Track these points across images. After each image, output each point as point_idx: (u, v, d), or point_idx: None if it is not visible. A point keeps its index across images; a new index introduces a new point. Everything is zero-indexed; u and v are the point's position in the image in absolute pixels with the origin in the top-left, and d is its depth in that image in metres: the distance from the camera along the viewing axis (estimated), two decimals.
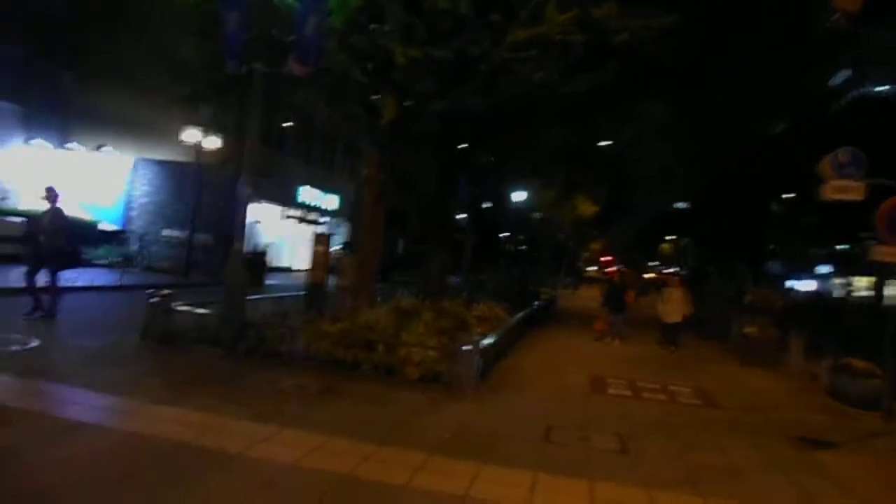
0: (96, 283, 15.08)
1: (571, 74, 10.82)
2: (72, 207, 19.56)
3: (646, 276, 70.50)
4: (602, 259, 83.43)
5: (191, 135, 17.93)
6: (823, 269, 53.31)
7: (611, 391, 9.27)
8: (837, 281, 53.20)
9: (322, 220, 30.37)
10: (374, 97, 11.04)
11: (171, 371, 7.77)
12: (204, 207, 18.81)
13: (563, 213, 47.76)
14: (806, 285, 55.34)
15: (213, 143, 18.38)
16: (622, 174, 59.42)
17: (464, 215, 43.95)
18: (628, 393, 9.22)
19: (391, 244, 41.66)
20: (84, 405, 5.74)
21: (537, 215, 52.06)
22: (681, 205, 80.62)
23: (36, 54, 20.11)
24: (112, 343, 8.67)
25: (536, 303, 19.29)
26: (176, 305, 9.22)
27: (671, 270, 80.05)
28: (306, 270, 11.21)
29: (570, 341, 14.80)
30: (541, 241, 49.19)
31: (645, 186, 68.36)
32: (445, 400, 7.48)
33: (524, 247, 70.58)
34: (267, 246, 24.52)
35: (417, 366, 8.57)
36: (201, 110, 18.57)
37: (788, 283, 53.62)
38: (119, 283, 15.27)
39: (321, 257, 11.15)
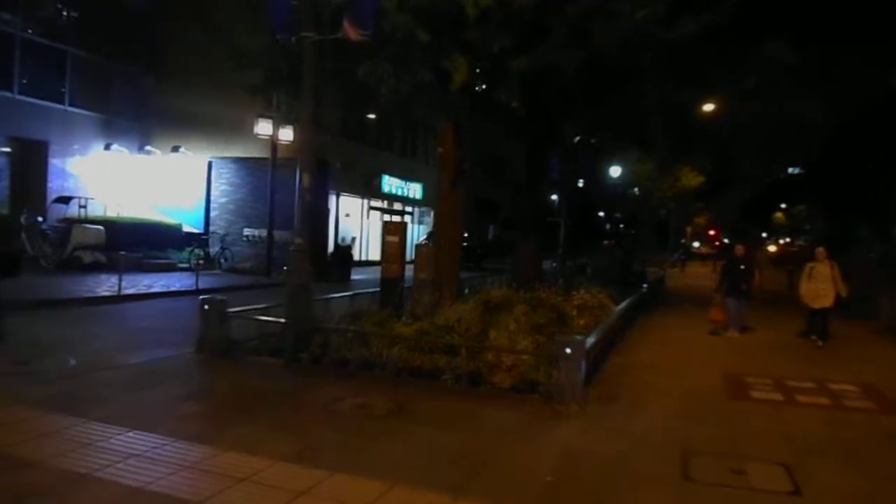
0: (173, 288, 14.48)
1: (677, 14, 8.97)
2: (152, 211, 19.58)
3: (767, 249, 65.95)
4: (708, 233, 78.94)
5: (264, 128, 17.09)
6: None
7: (755, 395, 7.42)
8: None
9: (407, 209, 29.33)
10: (443, 61, 9.59)
11: (217, 392, 6.64)
12: (283, 203, 18.00)
13: (665, 187, 44.92)
14: None
15: (286, 134, 17.51)
16: (731, 138, 55.37)
17: (556, 197, 42.03)
18: (778, 397, 7.33)
19: (482, 231, 40.26)
20: (93, 447, 4.63)
21: (635, 191, 49.32)
22: (793, 170, 75.03)
23: (114, 60, 19.91)
24: (162, 358, 7.67)
25: (645, 285, 17.34)
26: (232, 311, 8.15)
27: (786, 241, 74.79)
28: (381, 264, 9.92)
29: (688, 330, 12.83)
30: (641, 219, 46.38)
31: (756, 152, 63.57)
32: (544, 418, 5.96)
33: (622, 225, 67.59)
34: (353, 240, 23.66)
35: (509, 371, 7.09)
36: (273, 101, 17.78)
37: None
38: (196, 287, 14.59)
39: (394, 248, 9.82)
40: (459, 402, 6.38)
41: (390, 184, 27.54)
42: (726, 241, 75.67)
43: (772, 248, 66.15)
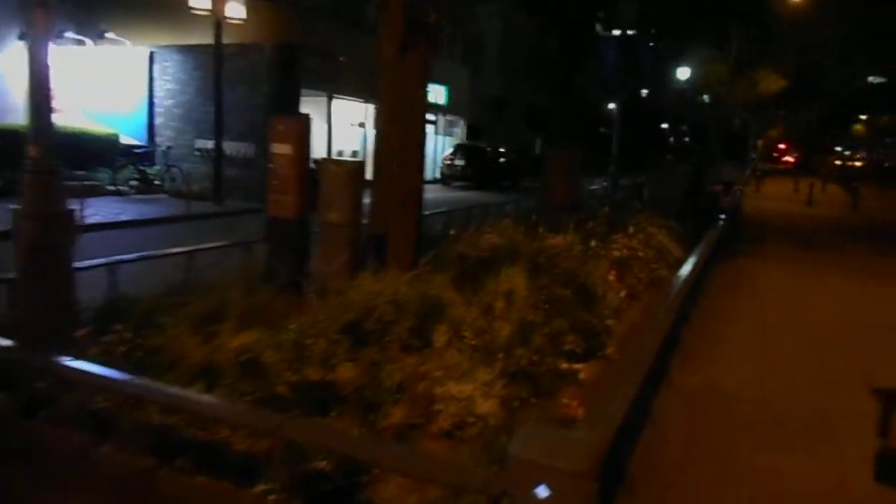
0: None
1: None
2: (85, 119, 15.47)
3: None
4: (777, 147, 71.69)
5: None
6: None
7: None
8: None
9: (428, 118, 24.61)
10: None
11: None
12: (238, 106, 13.77)
13: (740, 92, 38.79)
14: None
15: (236, 9, 13.03)
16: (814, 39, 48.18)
17: (613, 106, 36.62)
18: None
19: (530, 145, 35.26)
20: None
21: (705, 98, 43.17)
22: (875, 79, 66.69)
23: None
24: None
25: (722, 216, 12.63)
26: None
27: (861, 154, 67.48)
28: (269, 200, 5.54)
29: (803, 290, 8.44)
30: (711, 130, 40.43)
31: (839, 54, 56.25)
32: None
33: (687, 139, 61.02)
34: (354, 155, 19.34)
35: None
36: None
37: None
38: (118, 219, 10.85)
39: (287, 166, 5.48)
40: None
41: None
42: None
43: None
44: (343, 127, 19.53)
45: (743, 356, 5.51)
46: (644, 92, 46.52)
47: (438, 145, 25.22)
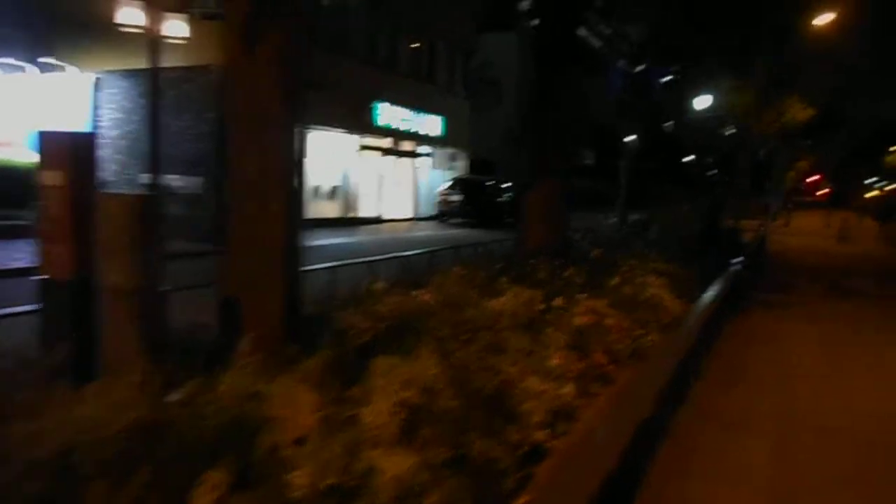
0: None
1: None
2: (20, 150, 13.90)
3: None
4: (809, 180, 68.92)
5: (131, 16, 11.09)
6: None
7: None
8: None
9: (421, 150, 22.82)
10: None
11: None
12: (183, 133, 12.19)
13: (765, 122, 36.75)
14: None
15: (177, 28, 11.50)
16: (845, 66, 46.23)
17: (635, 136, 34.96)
18: None
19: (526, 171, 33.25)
20: None
21: (731, 130, 41.14)
22: None
23: None
24: None
25: (738, 259, 10.58)
26: None
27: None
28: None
29: (844, 363, 6.41)
30: (739, 162, 38.25)
31: (871, 84, 54.49)
32: None
33: (712, 172, 58.80)
34: (335, 189, 17.69)
35: None
36: None
37: None
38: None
39: (58, 204, 3.74)
40: None
41: (390, 114, 20.81)
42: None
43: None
44: (324, 161, 17.89)
45: None
46: (669, 123, 44.79)
47: (435, 179, 23.49)
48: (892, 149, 68.87)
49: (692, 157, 54.72)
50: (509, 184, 24.36)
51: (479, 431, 3.14)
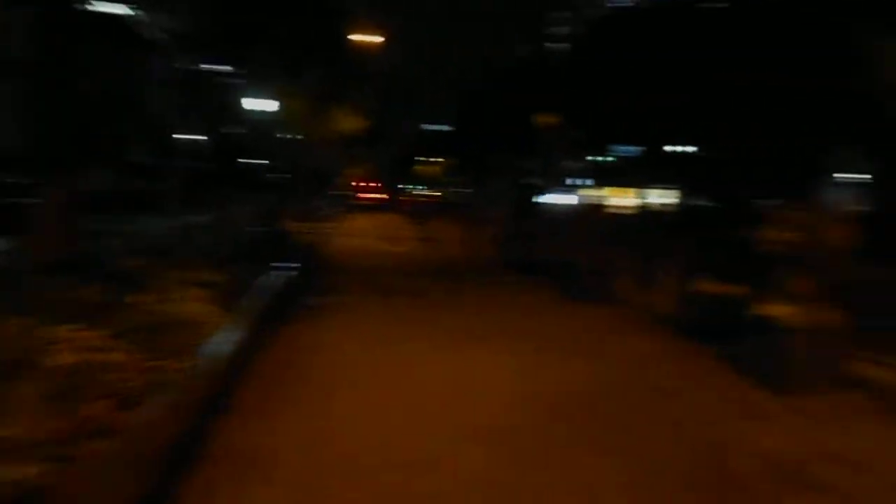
0: None
1: None
2: None
3: None
4: (364, 184, 75.90)
5: None
6: (580, 181, 51.52)
7: None
8: (596, 192, 52.26)
9: None
10: None
11: None
12: None
13: (321, 129, 38.72)
14: (566, 199, 53.35)
15: None
16: (387, 86, 51.42)
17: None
18: None
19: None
20: None
21: (293, 135, 42.27)
22: (441, 127, 76.34)
23: None
24: None
25: (294, 262, 10.31)
26: None
27: (437, 192, 75.55)
28: None
29: (388, 366, 6.35)
30: (299, 165, 39.44)
31: (408, 104, 62.35)
32: None
33: (281, 174, 60.14)
34: None
35: None
36: None
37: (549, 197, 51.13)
38: None
39: None
40: None
41: None
42: None
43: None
44: None
45: None
46: (233, 125, 43.94)
47: None
48: (419, 158, 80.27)
49: (262, 160, 55.01)
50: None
51: None
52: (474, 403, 5.28)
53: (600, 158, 45.40)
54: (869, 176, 26.57)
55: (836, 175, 28.49)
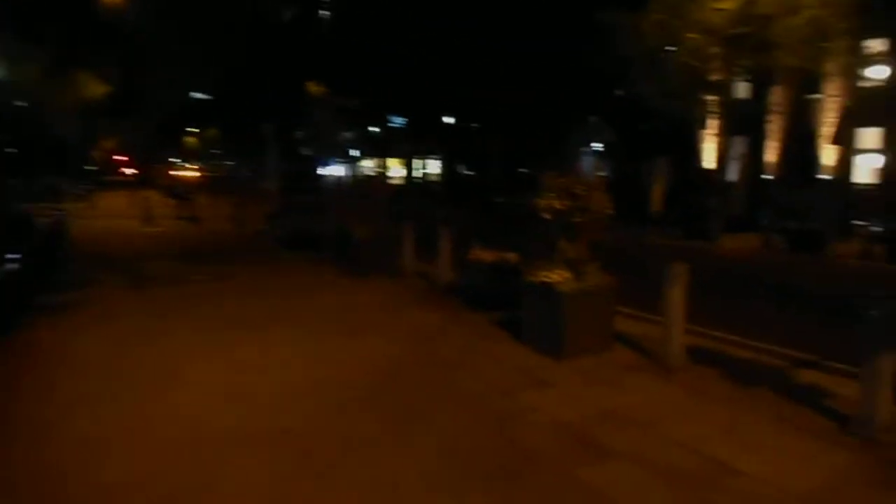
0: None
1: None
2: None
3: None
4: (116, 158, 68.78)
5: None
6: (354, 152, 51.74)
7: None
8: (367, 163, 52.87)
9: None
10: None
11: None
12: None
13: (62, 97, 34.17)
14: (335, 170, 53.33)
15: None
16: (137, 49, 46.85)
17: None
18: None
19: None
20: None
21: (23, 103, 36.72)
22: (199, 95, 71.18)
23: None
24: None
25: (19, 254, 8.72)
26: None
27: (196, 165, 70.91)
28: None
29: (142, 370, 5.48)
30: (32, 137, 34.28)
31: (163, 71, 58.09)
32: None
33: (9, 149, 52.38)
34: None
35: None
36: None
37: (321, 170, 50.67)
38: None
39: None
40: None
41: None
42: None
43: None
44: None
45: None
46: None
47: None
48: (189, 129, 74.61)
49: None
50: None
51: None
52: (252, 405, 4.74)
53: (378, 129, 45.42)
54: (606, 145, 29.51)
55: (588, 145, 31.20)
